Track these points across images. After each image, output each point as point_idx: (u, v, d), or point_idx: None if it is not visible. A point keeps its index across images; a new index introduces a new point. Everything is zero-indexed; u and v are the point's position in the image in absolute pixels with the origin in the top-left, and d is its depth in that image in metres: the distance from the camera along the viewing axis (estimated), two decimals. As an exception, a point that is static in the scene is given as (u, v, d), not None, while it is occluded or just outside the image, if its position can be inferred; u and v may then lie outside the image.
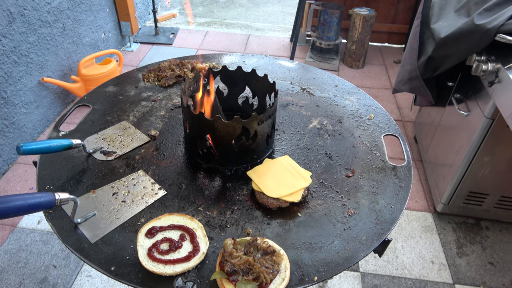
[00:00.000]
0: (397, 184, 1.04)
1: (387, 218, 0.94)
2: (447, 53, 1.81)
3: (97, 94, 1.37)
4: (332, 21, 3.33)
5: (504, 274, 1.90)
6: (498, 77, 1.56)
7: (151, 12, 3.91)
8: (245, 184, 1.03)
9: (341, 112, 1.32)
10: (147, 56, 3.59)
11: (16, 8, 2.21)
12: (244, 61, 1.59)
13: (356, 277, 1.85)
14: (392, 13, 3.72)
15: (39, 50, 2.47)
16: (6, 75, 2.21)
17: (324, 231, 0.90)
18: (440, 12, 1.97)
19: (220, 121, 0.97)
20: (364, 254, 0.85)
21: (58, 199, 0.81)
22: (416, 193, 2.31)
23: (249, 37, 4.08)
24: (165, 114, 1.28)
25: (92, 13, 3.04)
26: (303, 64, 1.59)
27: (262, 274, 0.74)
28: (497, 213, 2.08)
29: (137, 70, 1.52)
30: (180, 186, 1.01)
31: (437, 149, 2.22)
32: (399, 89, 2.26)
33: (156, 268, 0.77)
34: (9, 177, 2.28)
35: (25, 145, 0.93)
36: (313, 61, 3.49)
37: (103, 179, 1.02)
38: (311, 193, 1.01)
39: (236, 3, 5.06)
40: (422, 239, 2.05)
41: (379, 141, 1.19)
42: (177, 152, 1.13)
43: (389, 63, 3.67)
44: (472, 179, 1.92)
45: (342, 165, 1.10)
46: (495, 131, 1.70)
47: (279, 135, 1.21)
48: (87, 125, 1.22)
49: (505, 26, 1.51)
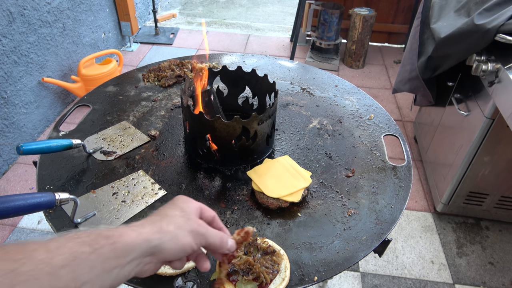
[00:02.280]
0: (397, 184, 1.04)
1: (387, 218, 0.94)
2: (447, 53, 1.81)
3: (97, 94, 1.36)
4: (332, 21, 3.33)
5: (504, 274, 1.90)
6: (498, 77, 1.56)
7: (151, 12, 3.91)
8: (245, 184, 1.03)
9: (341, 112, 1.32)
10: (147, 56, 3.59)
11: (16, 8, 2.21)
12: (244, 61, 1.59)
13: (356, 277, 1.85)
14: (392, 13, 3.72)
15: (39, 50, 2.47)
16: (6, 75, 2.21)
17: (324, 231, 0.90)
18: (440, 12, 1.97)
19: (220, 121, 0.97)
20: (364, 254, 0.85)
21: (58, 199, 0.81)
22: (416, 193, 2.31)
23: (249, 37, 4.08)
24: (165, 114, 1.28)
25: (92, 13, 3.04)
26: (303, 64, 1.59)
27: (262, 274, 0.74)
28: (497, 213, 2.08)
29: (137, 70, 1.52)
30: (180, 186, 1.01)
31: (437, 149, 2.22)
32: (399, 89, 2.26)
33: (156, 268, 0.77)
34: (9, 177, 2.28)
35: (25, 145, 0.93)
36: (313, 61, 3.49)
37: (103, 179, 1.02)
38: (311, 193, 1.01)
39: (236, 3, 5.06)
40: (422, 239, 2.05)
41: (379, 141, 1.19)
42: (177, 152, 1.13)
43: (389, 63, 3.67)
44: (472, 179, 1.92)
45: (342, 165, 1.10)
46: (495, 131, 1.70)
47: (279, 135, 1.21)
48: (87, 125, 1.22)
49: (505, 26, 1.51)
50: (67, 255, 0.43)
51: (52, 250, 0.42)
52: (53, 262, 0.41)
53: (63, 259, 0.42)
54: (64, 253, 0.43)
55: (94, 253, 0.45)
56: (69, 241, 0.45)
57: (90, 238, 0.46)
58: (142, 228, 0.52)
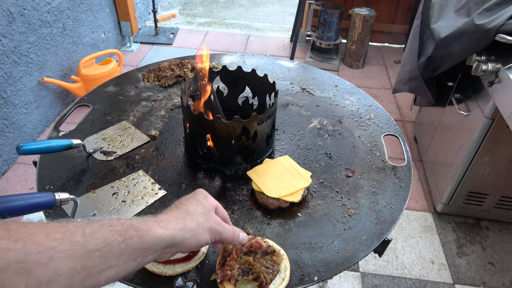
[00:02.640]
0: (397, 184, 1.04)
1: (387, 218, 0.94)
2: (447, 53, 1.81)
3: (97, 94, 1.36)
4: (332, 21, 3.33)
5: (504, 274, 1.90)
6: (498, 77, 1.56)
7: (151, 12, 3.91)
8: (245, 184, 1.03)
9: (341, 112, 1.32)
10: (147, 56, 3.59)
11: (16, 8, 2.21)
12: (244, 61, 1.59)
13: (356, 277, 1.85)
14: (392, 13, 3.72)
15: (39, 50, 2.47)
16: (6, 75, 2.21)
17: (324, 231, 0.90)
18: (440, 12, 1.97)
19: (220, 121, 0.97)
20: (364, 254, 0.85)
21: (58, 199, 0.81)
22: (416, 193, 2.31)
23: (249, 37, 4.08)
24: (165, 114, 1.28)
25: (92, 13, 3.04)
26: (303, 64, 1.59)
27: (262, 274, 0.74)
28: (497, 213, 2.08)
29: (137, 70, 1.52)
30: (180, 186, 1.01)
31: (437, 149, 2.22)
32: (399, 89, 2.26)
33: (156, 268, 0.77)
34: (9, 177, 2.28)
35: (25, 145, 0.93)
36: (313, 61, 3.49)
37: (103, 179, 1.02)
38: (311, 193, 1.01)
39: (236, 3, 5.06)
40: (422, 239, 2.05)
41: (379, 141, 1.19)
42: (177, 152, 1.13)
43: (389, 63, 3.67)
44: (472, 179, 1.92)
45: (342, 165, 1.10)
46: (495, 131, 1.70)
47: (279, 135, 1.21)
48: (87, 125, 1.22)
49: (505, 26, 1.51)
50: (100, 240, 0.49)
51: (87, 234, 0.48)
52: (87, 245, 0.48)
53: (96, 244, 0.48)
54: (97, 239, 0.49)
55: (123, 243, 0.51)
56: (103, 228, 0.51)
57: (122, 228, 0.52)
58: (169, 223, 0.59)
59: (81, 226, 0.49)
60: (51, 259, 0.44)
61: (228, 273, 0.74)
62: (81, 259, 0.47)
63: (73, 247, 0.46)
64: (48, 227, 0.47)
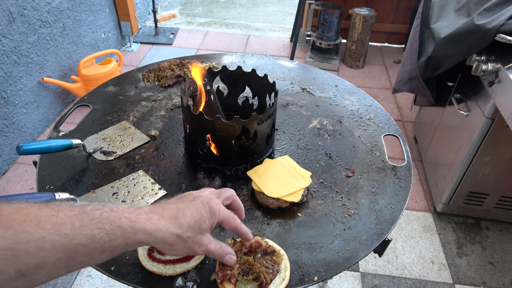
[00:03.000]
0: (397, 184, 1.04)
1: (387, 218, 0.94)
2: (447, 53, 1.81)
3: (97, 94, 1.36)
4: (332, 21, 3.33)
5: (504, 274, 1.90)
6: (498, 77, 1.56)
7: (151, 12, 3.91)
8: (245, 184, 1.03)
9: (341, 112, 1.32)
10: (147, 56, 3.59)
11: (16, 8, 2.21)
12: (244, 61, 1.59)
13: (356, 277, 1.85)
14: (392, 13, 3.73)
15: (39, 50, 2.47)
16: (6, 75, 2.22)
17: (324, 231, 0.90)
18: (440, 12, 1.97)
19: (220, 121, 0.97)
20: (364, 254, 0.85)
21: (58, 199, 0.81)
22: (416, 193, 2.31)
23: (249, 37, 4.08)
24: (165, 114, 1.28)
25: (92, 13, 3.04)
26: (303, 64, 1.59)
27: (262, 274, 0.74)
28: (497, 213, 2.08)
29: (137, 70, 1.52)
30: (180, 186, 1.01)
31: (437, 149, 2.22)
32: (399, 89, 2.26)
33: (156, 268, 0.77)
34: (9, 177, 2.28)
35: (25, 145, 0.93)
36: (313, 61, 3.49)
37: (103, 179, 1.02)
38: (311, 193, 1.01)
39: (236, 3, 5.06)
40: (422, 239, 2.05)
41: (379, 141, 1.19)
42: (177, 152, 1.13)
43: (389, 63, 3.67)
44: (472, 179, 1.92)
45: (342, 165, 1.10)
46: (495, 131, 1.70)
47: (279, 135, 1.21)
48: (87, 125, 1.22)
49: (505, 26, 1.51)
50: (88, 236, 0.52)
51: (76, 228, 0.52)
52: (75, 239, 0.51)
53: (83, 239, 0.52)
54: (85, 234, 0.52)
55: (109, 242, 0.54)
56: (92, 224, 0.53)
57: (110, 228, 0.55)
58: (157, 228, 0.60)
59: (71, 217, 0.52)
60: (39, 249, 0.48)
61: (228, 273, 0.74)
62: (67, 251, 0.50)
63: (61, 239, 0.50)
64: (41, 215, 0.50)
